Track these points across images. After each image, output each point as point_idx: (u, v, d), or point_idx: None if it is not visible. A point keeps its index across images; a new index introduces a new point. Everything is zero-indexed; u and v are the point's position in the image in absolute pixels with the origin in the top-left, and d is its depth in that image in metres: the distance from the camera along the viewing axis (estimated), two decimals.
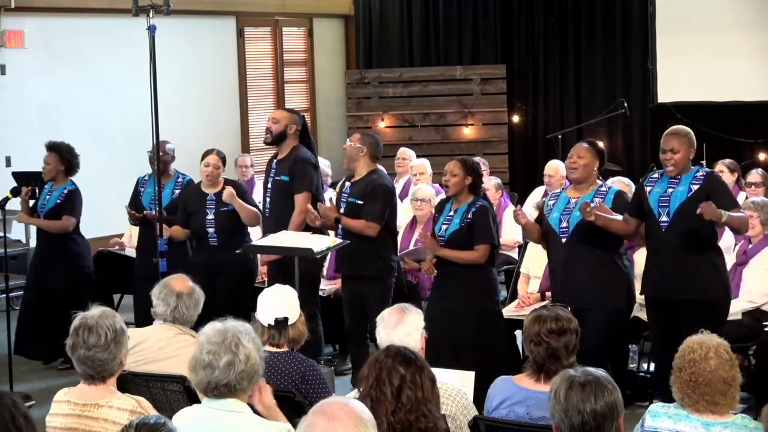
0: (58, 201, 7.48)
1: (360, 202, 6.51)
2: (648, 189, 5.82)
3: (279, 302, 4.38)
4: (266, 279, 7.22)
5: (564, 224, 5.88)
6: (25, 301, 7.68)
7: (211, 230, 7.05)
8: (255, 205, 7.20)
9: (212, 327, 3.52)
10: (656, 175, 5.89)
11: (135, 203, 7.58)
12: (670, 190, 5.71)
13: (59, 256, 7.48)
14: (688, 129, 5.88)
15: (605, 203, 5.86)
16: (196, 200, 7.14)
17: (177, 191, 7.36)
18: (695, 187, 5.65)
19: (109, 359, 3.73)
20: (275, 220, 6.73)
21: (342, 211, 6.55)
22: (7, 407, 2.98)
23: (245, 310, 6.66)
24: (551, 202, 6.06)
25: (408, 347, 3.46)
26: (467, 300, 6.05)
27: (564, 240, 5.88)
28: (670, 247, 5.68)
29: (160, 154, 7.37)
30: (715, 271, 5.70)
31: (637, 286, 6.08)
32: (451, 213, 6.18)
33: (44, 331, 7.34)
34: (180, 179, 7.49)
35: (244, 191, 7.23)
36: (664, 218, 5.70)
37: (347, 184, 6.65)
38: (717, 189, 5.66)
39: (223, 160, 7.20)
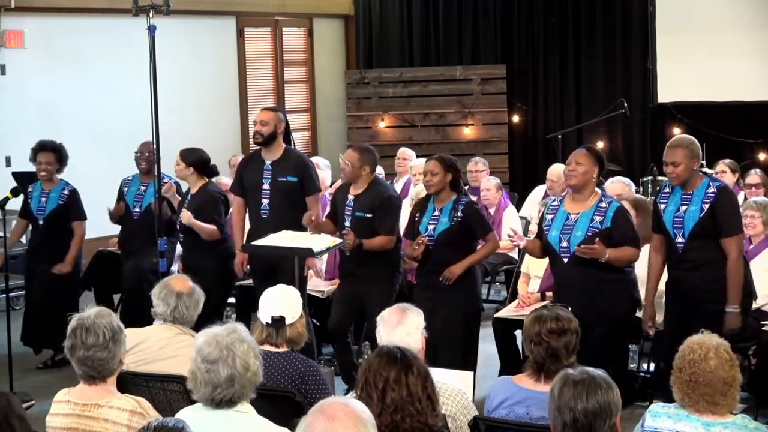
0: (60, 202, 7.49)
1: (369, 215, 6.46)
2: (662, 206, 5.77)
3: (278, 301, 4.38)
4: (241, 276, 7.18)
5: (564, 244, 5.80)
6: (29, 298, 7.71)
7: (179, 227, 7.09)
8: (218, 221, 7.00)
9: (204, 340, 3.49)
10: (667, 190, 5.81)
11: (117, 205, 7.63)
12: (683, 208, 5.65)
13: (54, 256, 7.49)
14: (691, 139, 5.78)
15: (605, 221, 5.76)
16: (182, 200, 7.19)
17: (157, 212, 7.25)
18: (707, 206, 5.59)
19: (108, 358, 3.74)
20: (276, 220, 6.68)
21: (348, 224, 6.50)
22: (1, 408, 2.98)
23: (221, 315, 6.75)
24: (549, 217, 5.94)
25: (407, 347, 3.46)
26: (456, 299, 6.13)
27: (566, 260, 5.83)
28: (689, 266, 5.66)
29: (146, 154, 7.39)
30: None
31: (640, 288, 6.08)
32: (437, 212, 6.21)
33: (50, 326, 7.38)
34: (165, 180, 7.43)
35: (212, 199, 7.04)
36: (680, 239, 5.66)
37: (350, 197, 6.55)
38: (722, 209, 5.59)
39: (190, 160, 7.01)
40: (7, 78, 9.97)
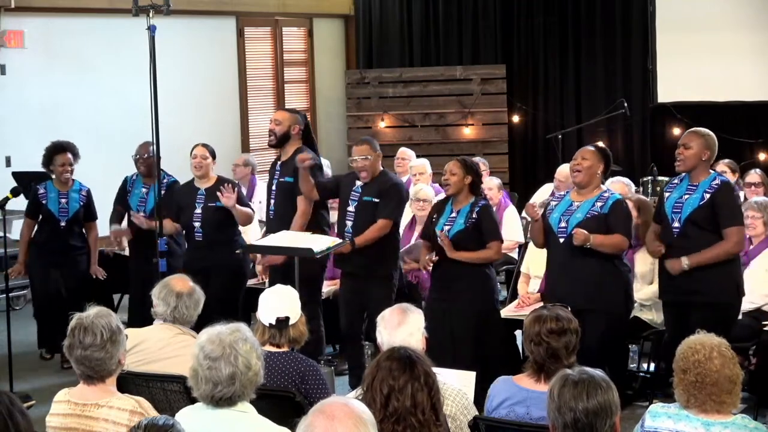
0: (81, 203, 7.54)
1: (376, 200, 6.51)
2: (666, 195, 5.87)
3: (280, 302, 4.39)
4: (265, 280, 7.21)
5: (562, 224, 5.87)
6: (43, 299, 7.64)
7: (197, 224, 7.05)
8: (247, 204, 7.18)
9: (207, 338, 3.50)
10: (676, 180, 5.92)
11: (121, 202, 7.63)
12: (685, 196, 5.75)
13: (75, 257, 7.55)
14: (710, 132, 5.88)
15: (604, 208, 5.81)
16: (187, 194, 7.18)
17: (162, 192, 7.29)
18: (707, 196, 5.68)
19: (106, 359, 3.72)
20: (279, 222, 6.71)
21: (352, 209, 6.53)
22: (4, 404, 3.00)
23: (238, 312, 6.72)
24: (554, 203, 6.08)
25: (411, 348, 3.45)
26: (468, 300, 6.11)
27: (561, 240, 5.87)
28: (682, 252, 5.70)
29: (145, 156, 7.39)
30: (726, 274, 5.69)
31: (636, 286, 6.09)
32: (453, 214, 6.21)
33: (51, 324, 7.44)
34: (165, 179, 7.44)
35: (237, 186, 7.19)
36: (676, 224, 5.75)
37: (358, 183, 6.60)
38: (721, 201, 5.67)
39: (212, 153, 7.17)
40: (7, 78, 9.96)
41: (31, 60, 10.09)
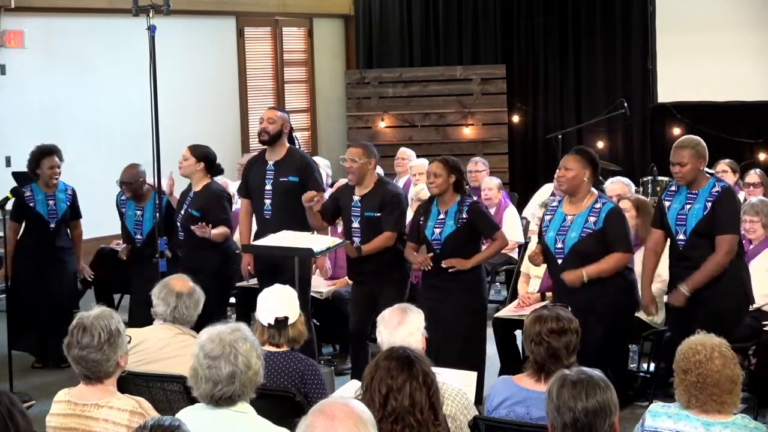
0: (68, 203, 7.53)
1: (378, 215, 6.46)
2: (667, 204, 5.79)
3: (279, 302, 4.39)
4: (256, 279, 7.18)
5: (559, 245, 5.80)
6: (22, 300, 7.54)
7: (179, 225, 7.05)
8: (225, 219, 7.01)
9: (208, 337, 3.50)
10: (674, 188, 5.83)
11: (122, 224, 7.56)
12: (687, 206, 5.68)
13: (64, 257, 7.53)
14: (698, 139, 5.81)
15: (598, 222, 5.73)
16: (183, 197, 7.18)
17: (157, 213, 7.05)
18: (710, 204, 5.62)
19: (102, 360, 3.71)
20: (279, 221, 6.67)
21: (356, 225, 6.52)
22: (4, 405, 3.00)
23: (225, 313, 6.74)
24: (548, 218, 5.96)
25: (410, 348, 3.45)
26: (460, 300, 6.12)
27: (560, 261, 5.82)
28: (689, 264, 5.67)
29: (130, 183, 7.28)
30: (733, 281, 5.65)
31: (639, 286, 6.08)
32: (442, 216, 6.19)
33: (40, 327, 7.42)
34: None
35: (219, 198, 7.04)
36: (681, 236, 5.69)
37: (356, 198, 6.55)
38: (721, 207, 5.61)
39: (199, 155, 7.00)
40: (7, 78, 9.97)
41: (31, 60, 10.09)
